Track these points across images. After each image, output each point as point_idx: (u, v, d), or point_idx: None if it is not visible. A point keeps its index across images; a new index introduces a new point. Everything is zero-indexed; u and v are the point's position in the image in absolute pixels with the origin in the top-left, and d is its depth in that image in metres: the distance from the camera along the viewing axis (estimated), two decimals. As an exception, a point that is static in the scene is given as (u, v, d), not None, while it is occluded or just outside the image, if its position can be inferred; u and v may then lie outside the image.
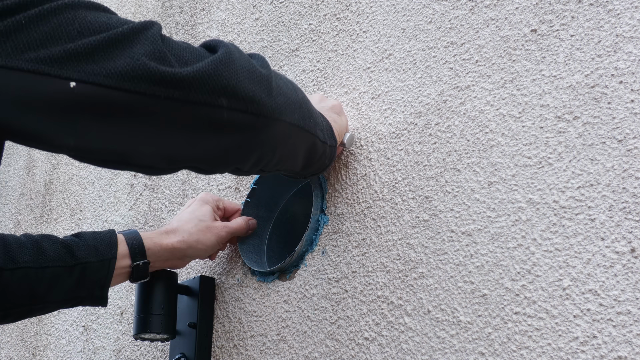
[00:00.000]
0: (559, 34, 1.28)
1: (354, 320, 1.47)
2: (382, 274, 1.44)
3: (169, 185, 2.09)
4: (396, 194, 1.47)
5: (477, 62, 1.39)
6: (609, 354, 1.09)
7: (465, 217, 1.33)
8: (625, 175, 1.14)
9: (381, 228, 1.47)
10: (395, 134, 1.51)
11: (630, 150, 1.14)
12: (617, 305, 1.10)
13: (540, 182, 1.24)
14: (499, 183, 1.30)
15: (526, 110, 1.29)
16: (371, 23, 1.63)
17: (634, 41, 1.18)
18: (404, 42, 1.55)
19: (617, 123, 1.16)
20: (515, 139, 1.29)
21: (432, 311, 1.34)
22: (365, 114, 1.59)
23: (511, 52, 1.34)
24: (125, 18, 1.03)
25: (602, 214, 1.15)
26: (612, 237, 1.13)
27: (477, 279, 1.28)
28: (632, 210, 1.12)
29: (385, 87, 1.56)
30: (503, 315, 1.23)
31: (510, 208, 1.27)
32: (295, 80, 1.78)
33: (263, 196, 1.78)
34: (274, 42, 1.88)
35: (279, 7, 1.90)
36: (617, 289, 1.11)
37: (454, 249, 1.33)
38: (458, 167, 1.37)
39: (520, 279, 1.22)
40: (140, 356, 1.96)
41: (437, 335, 1.32)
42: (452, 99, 1.42)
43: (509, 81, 1.33)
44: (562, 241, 1.18)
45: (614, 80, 1.19)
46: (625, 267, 1.11)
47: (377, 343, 1.41)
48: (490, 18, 1.39)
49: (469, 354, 1.26)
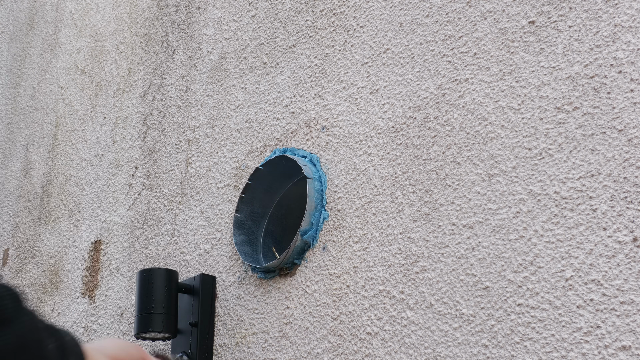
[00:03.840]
0: (557, 25, 1.27)
1: (356, 316, 1.46)
2: (383, 269, 1.44)
3: (167, 184, 2.08)
4: (396, 188, 1.46)
5: (475, 54, 1.39)
6: (613, 344, 1.09)
7: (466, 210, 1.33)
8: (626, 165, 1.14)
9: (382, 222, 1.47)
10: (394, 129, 1.51)
11: (630, 140, 1.14)
12: (620, 295, 1.10)
13: (540, 174, 1.24)
14: (499, 175, 1.30)
15: (525, 102, 1.29)
16: (368, 18, 1.63)
17: (633, 31, 1.18)
18: (401, 36, 1.55)
19: (617, 113, 1.16)
20: (515, 131, 1.29)
21: (434, 304, 1.34)
22: (363, 108, 1.58)
23: (509, 44, 1.34)
24: None
25: (603, 204, 1.15)
26: (614, 226, 1.13)
27: (479, 272, 1.28)
28: (633, 199, 1.12)
29: (384, 81, 1.56)
30: (506, 307, 1.23)
31: (511, 200, 1.27)
32: (293, 76, 1.78)
33: (258, 192, 1.78)
34: (271, 39, 1.88)
35: (275, 4, 1.90)
36: (620, 278, 1.11)
37: (456, 242, 1.33)
38: (458, 160, 1.37)
39: (522, 270, 1.22)
40: (142, 356, 1.95)
41: (440, 329, 1.32)
42: (450, 92, 1.42)
43: (508, 73, 1.33)
44: (564, 232, 1.18)
45: (613, 70, 1.18)
46: (627, 257, 1.10)
47: (380, 337, 1.41)
48: (488, 10, 1.39)
49: (472, 347, 1.26)
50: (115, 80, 2.47)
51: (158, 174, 2.14)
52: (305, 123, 1.70)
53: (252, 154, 1.82)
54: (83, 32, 2.75)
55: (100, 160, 2.40)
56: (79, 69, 2.70)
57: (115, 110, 2.42)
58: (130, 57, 2.43)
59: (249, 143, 1.84)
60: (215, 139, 1.95)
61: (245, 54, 1.94)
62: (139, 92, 2.33)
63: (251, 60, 1.92)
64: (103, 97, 2.50)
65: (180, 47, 2.20)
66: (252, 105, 1.87)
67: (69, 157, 2.58)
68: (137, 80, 2.36)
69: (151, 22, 2.38)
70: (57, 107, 2.76)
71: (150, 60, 2.32)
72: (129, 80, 2.40)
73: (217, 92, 2.00)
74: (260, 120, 1.83)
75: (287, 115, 1.76)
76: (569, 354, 1.13)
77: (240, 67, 1.94)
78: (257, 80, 1.88)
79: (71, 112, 2.66)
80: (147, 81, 2.31)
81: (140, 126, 2.27)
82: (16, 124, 3.02)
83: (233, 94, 1.94)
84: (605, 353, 1.09)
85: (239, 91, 1.92)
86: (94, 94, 2.56)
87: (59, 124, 2.71)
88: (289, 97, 1.77)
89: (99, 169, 2.40)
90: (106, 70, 2.53)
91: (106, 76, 2.52)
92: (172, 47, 2.23)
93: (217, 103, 1.99)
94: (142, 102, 2.30)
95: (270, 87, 1.84)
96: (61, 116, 2.71)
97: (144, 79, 2.32)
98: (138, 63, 2.38)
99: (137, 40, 2.42)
